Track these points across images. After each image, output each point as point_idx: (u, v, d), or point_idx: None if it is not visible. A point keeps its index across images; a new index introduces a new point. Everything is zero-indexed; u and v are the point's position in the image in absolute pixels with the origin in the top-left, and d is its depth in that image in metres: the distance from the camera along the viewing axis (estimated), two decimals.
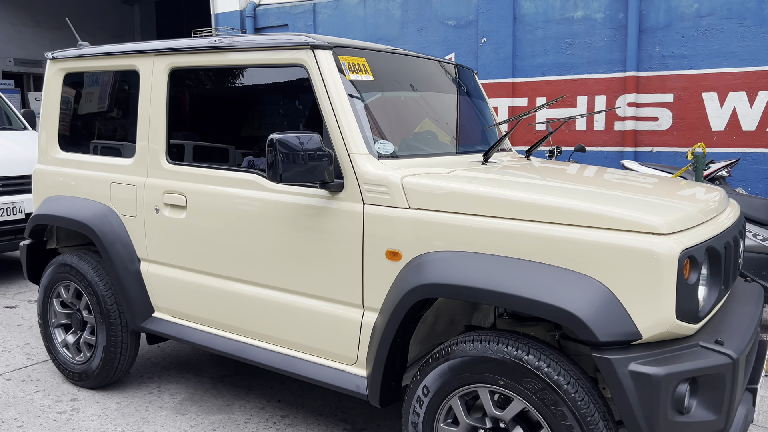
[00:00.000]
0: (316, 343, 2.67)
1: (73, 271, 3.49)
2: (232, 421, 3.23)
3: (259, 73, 2.85)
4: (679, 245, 1.92)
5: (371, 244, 2.45)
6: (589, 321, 1.93)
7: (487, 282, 2.11)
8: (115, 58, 3.38)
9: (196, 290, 3.05)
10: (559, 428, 2.03)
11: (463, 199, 2.26)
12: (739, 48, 5.21)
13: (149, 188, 3.18)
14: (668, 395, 1.90)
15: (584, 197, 2.15)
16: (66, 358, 3.66)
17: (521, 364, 2.07)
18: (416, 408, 2.34)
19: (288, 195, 2.68)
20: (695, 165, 4.03)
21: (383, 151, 2.60)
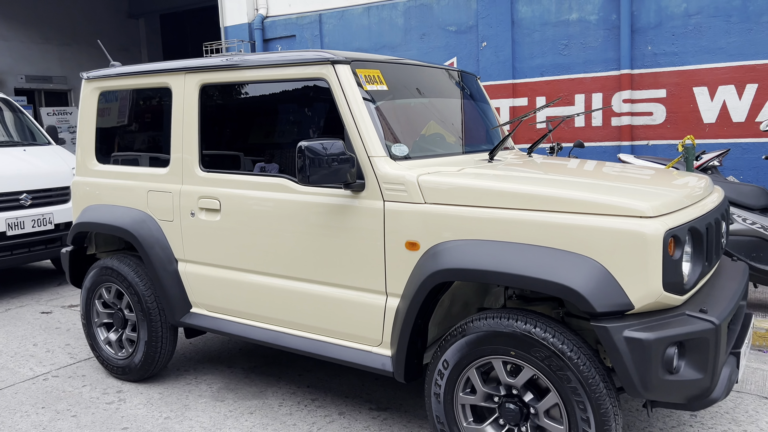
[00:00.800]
0: (344, 328, 2.96)
1: (115, 274, 3.80)
2: (266, 405, 3.52)
3: (284, 87, 3.15)
4: (663, 226, 2.21)
5: (392, 236, 2.75)
6: (588, 294, 2.22)
7: (498, 265, 2.40)
8: (147, 76, 3.68)
9: (232, 286, 3.35)
10: (565, 391, 2.32)
11: (472, 193, 2.55)
12: (727, 44, 5.49)
13: (184, 194, 3.49)
14: (658, 357, 2.19)
15: (581, 188, 2.44)
16: (109, 354, 3.96)
17: (530, 335, 2.36)
18: (438, 380, 2.63)
19: (315, 196, 2.98)
20: (686, 156, 4.31)
21: (398, 153, 2.90)
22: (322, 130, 3.07)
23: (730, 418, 3.21)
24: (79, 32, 14.45)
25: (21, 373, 4.13)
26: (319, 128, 3.08)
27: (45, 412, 3.53)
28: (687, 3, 5.61)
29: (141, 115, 3.81)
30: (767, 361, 3.96)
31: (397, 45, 7.16)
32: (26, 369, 4.20)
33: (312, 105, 3.10)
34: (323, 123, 3.07)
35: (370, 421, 3.30)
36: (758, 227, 4.24)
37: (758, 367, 3.86)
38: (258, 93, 3.26)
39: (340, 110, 2.89)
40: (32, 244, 6.02)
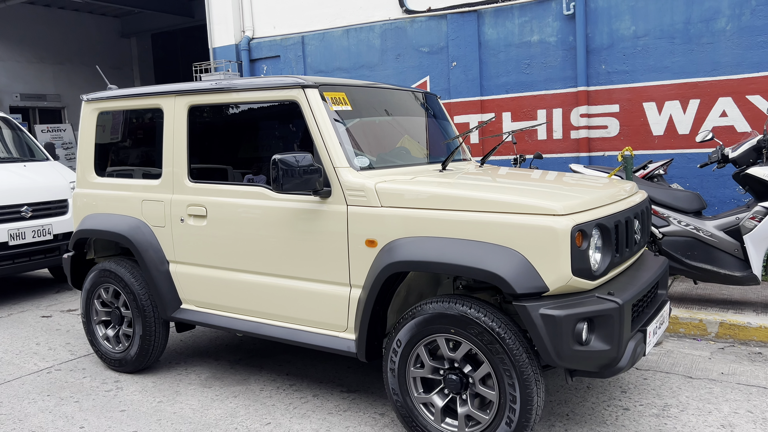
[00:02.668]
0: (315, 316, 3.41)
1: (112, 275, 4.23)
2: (249, 390, 3.95)
3: (262, 108, 3.61)
4: (571, 222, 2.68)
5: (354, 235, 3.20)
6: (510, 279, 2.68)
7: (440, 257, 2.86)
8: (142, 98, 4.14)
9: (217, 283, 3.79)
10: (495, 361, 2.77)
11: (420, 197, 3.02)
12: (671, 63, 6.01)
13: (175, 203, 3.93)
14: (569, 331, 2.65)
15: (508, 191, 2.91)
16: (107, 348, 4.38)
17: (466, 316, 2.82)
18: (392, 357, 3.07)
19: (288, 202, 3.43)
20: (625, 165, 4.81)
21: (361, 164, 3.36)
22: (296, 145, 3.53)
23: (655, 394, 3.67)
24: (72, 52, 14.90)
25: (26, 367, 4.54)
26: (293, 143, 3.54)
27: (50, 399, 3.94)
28: (635, 26, 6.15)
29: (135, 133, 4.26)
30: (699, 348, 4.43)
31: (374, 65, 7.66)
32: (30, 364, 4.61)
33: (286, 123, 3.56)
34: (296, 139, 3.53)
35: (341, 401, 3.73)
36: (692, 228, 4.73)
37: (689, 353, 4.33)
38: (239, 113, 3.72)
39: (310, 127, 3.35)
40: (32, 253, 6.43)
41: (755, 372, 3.94)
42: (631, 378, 3.91)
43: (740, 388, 3.70)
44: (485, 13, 6.89)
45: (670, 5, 5.98)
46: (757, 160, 4.63)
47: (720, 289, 5.41)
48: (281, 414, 3.58)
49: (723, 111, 5.84)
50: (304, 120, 3.40)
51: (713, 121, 5.88)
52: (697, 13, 5.88)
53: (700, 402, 3.53)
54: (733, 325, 4.52)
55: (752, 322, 4.47)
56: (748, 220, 4.51)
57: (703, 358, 4.21)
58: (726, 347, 4.42)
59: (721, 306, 4.91)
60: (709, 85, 5.87)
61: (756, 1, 5.64)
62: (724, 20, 5.78)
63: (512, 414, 2.76)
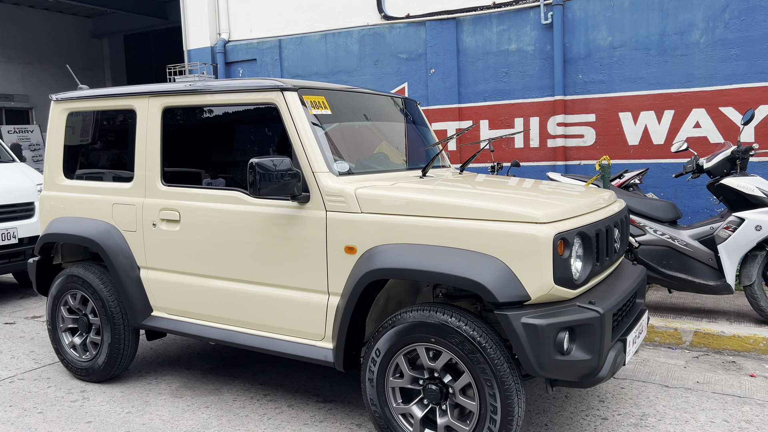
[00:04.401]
0: (291, 325, 3.32)
1: (80, 281, 4.09)
2: (222, 401, 3.84)
3: (239, 110, 3.53)
4: (553, 230, 2.65)
5: (333, 242, 3.13)
6: (491, 287, 2.64)
7: (421, 264, 2.81)
8: (114, 99, 4.02)
9: (190, 290, 3.68)
10: (476, 371, 2.73)
11: (400, 204, 2.97)
12: (647, 74, 6.08)
13: (147, 207, 3.82)
14: (551, 340, 2.61)
15: (489, 199, 2.87)
16: (73, 357, 4.22)
17: (446, 324, 2.77)
18: (371, 367, 3.01)
19: (265, 207, 3.35)
20: (602, 174, 4.83)
21: (340, 169, 3.30)
22: (273, 149, 3.45)
23: (633, 403, 3.66)
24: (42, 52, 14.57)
25: None
26: (270, 147, 3.47)
27: (12, 410, 3.78)
28: (612, 36, 6.21)
29: (107, 134, 4.13)
30: (674, 357, 4.45)
31: (352, 70, 7.62)
32: None
33: (264, 127, 3.48)
34: (274, 142, 3.45)
35: (316, 411, 3.65)
36: (667, 237, 4.77)
37: (665, 362, 4.34)
38: (216, 115, 3.63)
39: (288, 131, 3.28)
40: None
41: (730, 381, 3.96)
42: (608, 387, 3.90)
43: (716, 397, 3.71)
44: (464, 20, 6.90)
45: (646, 17, 6.05)
46: (731, 171, 4.69)
47: (694, 298, 5.47)
48: (255, 425, 3.48)
49: (697, 122, 5.92)
50: (282, 124, 3.32)
51: (687, 131, 5.96)
52: (672, 25, 5.96)
53: (677, 411, 3.53)
54: (707, 334, 4.55)
55: (726, 331, 4.51)
56: (722, 230, 4.56)
57: (679, 367, 4.23)
58: (700, 356, 4.45)
59: (695, 315, 4.95)
60: (684, 97, 5.94)
61: (729, 14, 5.74)
62: (698, 33, 5.87)
63: (493, 425, 2.72)
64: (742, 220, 4.49)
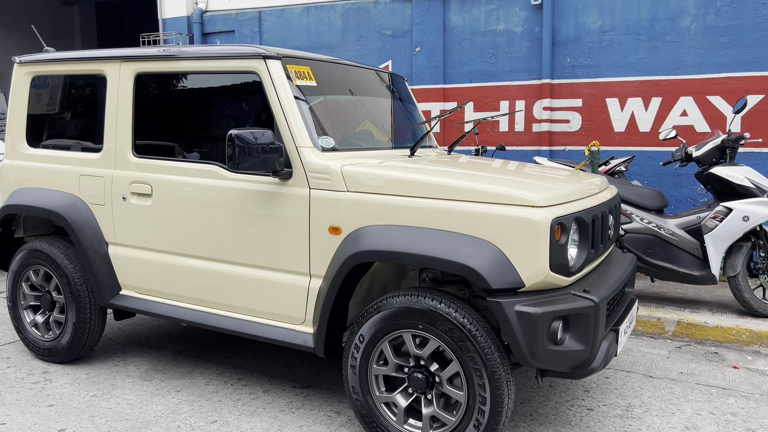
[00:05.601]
0: (269, 308, 3.15)
1: (44, 256, 3.85)
2: (194, 385, 3.66)
3: (218, 79, 3.31)
4: (551, 215, 2.52)
5: (316, 221, 2.96)
6: (485, 273, 2.50)
7: (410, 247, 2.65)
8: (82, 63, 3.76)
9: (162, 268, 3.48)
10: (465, 360, 2.59)
11: (389, 183, 2.80)
12: (636, 59, 5.98)
13: (117, 179, 3.59)
14: (545, 329, 2.49)
15: (483, 180, 2.72)
16: (35, 336, 3.99)
17: (435, 311, 2.63)
18: (354, 353, 2.86)
19: (244, 182, 3.16)
20: (591, 159, 4.73)
21: (325, 144, 3.12)
22: (254, 121, 3.25)
23: (618, 393, 3.59)
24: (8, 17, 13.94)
25: None
26: (251, 119, 3.26)
27: None
28: (602, 20, 6.08)
29: (74, 101, 3.88)
30: (657, 346, 4.40)
31: (334, 45, 7.38)
32: None
33: (244, 97, 3.27)
34: (255, 114, 3.25)
35: (293, 397, 3.50)
36: (653, 226, 4.69)
37: (648, 351, 4.28)
38: (192, 83, 3.40)
39: (271, 102, 3.08)
40: None
41: (713, 372, 3.92)
42: (593, 377, 3.82)
43: (700, 389, 3.66)
44: None
45: (637, 1, 5.94)
46: (719, 160, 4.62)
47: (675, 288, 5.43)
48: (228, 411, 3.32)
49: (684, 110, 5.85)
50: (263, 94, 3.12)
51: (674, 119, 5.89)
52: (663, 10, 5.85)
53: (663, 402, 3.46)
54: (690, 324, 4.50)
55: (709, 322, 4.46)
56: (709, 219, 4.50)
57: (662, 357, 4.17)
58: (683, 346, 4.40)
59: (677, 305, 4.91)
60: (672, 84, 5.86)
61: (721, 1, 5.66)
62: (689, 19, 5.77)
63: (481, 416, 2.60)
64: (729, 210, 4.43)
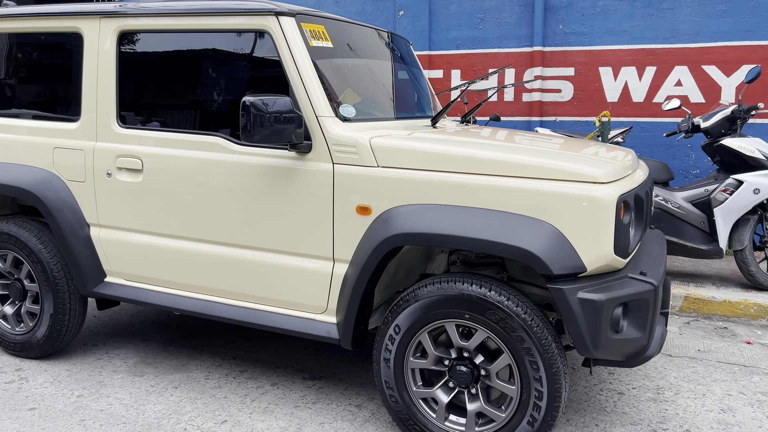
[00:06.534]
0: (286, 295, 2.84)
1: (12, 240, 3.40)
2: (191, 379, 3.33)
3: (218, 38, 2.92)
4: (616, 192, 2.29)
5: (342, 200, 2.65)
6: (545, 257, 2.26)
7: (456, 229, 2.38)
8: (52, 19, 3.28)
9: (156, 252, 3.10)
10: (519, 351, 2.36)
11: (428, 158, 2.51)
12: (631, 27, 5.81)
13: (99, 153, 3.17)
14: (608, 317, 2.28)
15: (535, 154, 2.47)
16: (4, 329, 3.56)
17: (485, 299, 2.38)
18: (388, 345, 2.59)
19: (254, 156, 2.81)
20: (601, 131, 4.54)
21: (346, 114, 2.79)
22: (261, 87, 2.88)
23: (643, 375, 3.45)
24: None
25: None
26: (258, 84, 2.89)
27: None
28: None
29: (42, 63, 3.40)
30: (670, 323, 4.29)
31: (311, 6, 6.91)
32: None
33: (250, 59, 2.90)
34: (262, 79, 2.88)
35: (305, 390, 3.21)
36: (660, 199, 4.57)
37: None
38: (189, 44, 3.00)
39: (285, 66, 2.73)
40: None
41: (729, 349, 3.84)
42: None
43: (723, 367, 3.56)
44: None
45: None
46: (728, 131, 4.50)
47: (673, 261, 5.36)
48: (237, 409, 3.01)
49: (678, 80, 5.72)
50: (273, 56, 2.76)
51: (668, 89, 5.77)
52: None
53: (690, 383, 3.35)
54: (697, 299, 4.42)
55: (716, 297, 4.39)
56: (719, 192, 4.39)
57: (674, 334, 4.08)
58: (691, 321, 4.32)
59: (678, 279, 4.83)
60: (667, 53, 5.72)
61: None
62: None
63: (536, 412, 2.38)
64: (740, 183, 4.33)
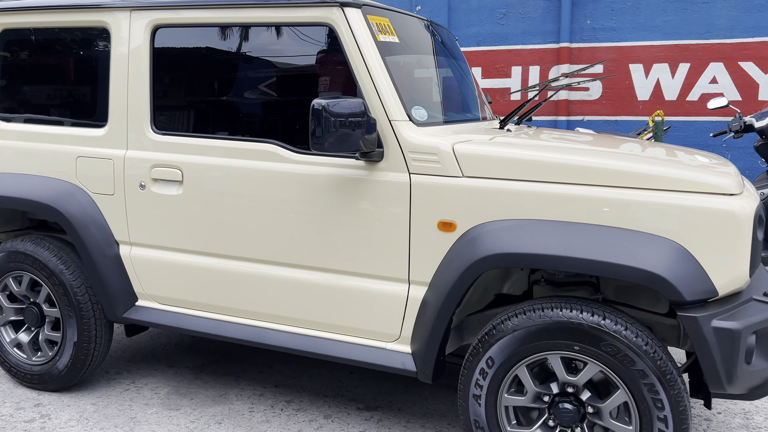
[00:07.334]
0: (352, 322, 2.53)
1: (29, 260, 3.03)
2: (235, 412, 2.99)
3: (271, 33, 2.59)
4: (750, 204, 2.02)
5: (420, 215, 2.34)
6: (675, 281, 1.98)
7: (566, 249, 2.09)
8: (74, 12, 2.92)
9: (197, 273, 2.76)
10: (639, 387, 2.08)
11: (525, 166, 2.22)
12: (663, 22, 5.58)
13: (131, 162, 2.82)
14: (744, 347, 2.01)
15: (648, 162, 2.18)
16: (19, 359, 3.19)
17: (599, 328, 2.09)
18: (479, 380, 2.29)
19: (315, 166, 2.49)
20: (655, 131, 4.30)
21: (418, 117, 2.48)
22: (321, 88, 2.56)
23: None
24: None
25: None
26: (318, 84, 2.57)
27: None
28: None
29: (64, 62, 3.03)
30: None
31: None
32: None
33: (308, 57, 2.57)
34: (324, 78, 2.56)
35: (364, 423, 2.90)
36: None
37: None
38: (234, 39, 2.66)
39: (352, 64, 2.41)
40: None
41: None
42: None
43: None
44: None
45: None
46: None
47: None
48: None
49: (713, 77, 5.51)
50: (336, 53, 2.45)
51: (702, 87, 5.55)
52: None
53: None
54: None
55: None
56: None
57: None
58: None
59: None
60: (701, 49, 5.50)
61: None
62: None
63: None
64: None
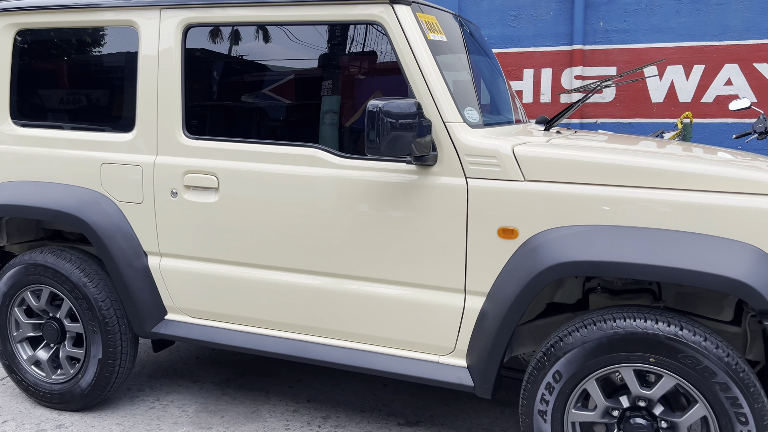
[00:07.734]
0: (402, 334, 2.40)
1: (50, 273, 2.87)
2: (270, 430, 2.85)
3: (313, 32, 2.46)
4: None
5: (478, 221, 2.23)
6: (762, 289, 1.89)
7: (642, 256, 1.99)
8: (100, 11, 2.78)
9: (234, 285, 2.63)
10: (720, 401, 1.98)
11: (591, 169, 2.12)
12: (677, 24, 5.53)
13: (161, 169, 2.67)
14: None
15: (719, 164, 2.09)
16: (38, 377, 3.02)
17: (677, 339, 1.99)
18: (545, 395, 2.18)
19: (363, 171, 2.37)
20: (684, 133, 4.23)
21: (471, 119, 2.38)
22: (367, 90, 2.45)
23: None
24: None
25: None
26: (360, 86, 2.46)
27: None
28: None
29: (85, 64, 2.88)
30: None
31: None
32: None
33: (354, 57, 2.46)
34: (368, 80, 2.45)
35: None
36: None
37: None
38: (273, 39, 2.54)
39: (403, 64, 2.29)
40: None
41: None
42: None
43: None
44: None
45: None
46: None
47: None
48: None
49: (728, 79, 5.46)
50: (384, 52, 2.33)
51: (717, 89, 5.50)
52: None
53: None
54: None
55: None
56: None
57: None
58: None
59: None
60: (716, 50, 5.46)
61: None
62: None
63: None
64: None
